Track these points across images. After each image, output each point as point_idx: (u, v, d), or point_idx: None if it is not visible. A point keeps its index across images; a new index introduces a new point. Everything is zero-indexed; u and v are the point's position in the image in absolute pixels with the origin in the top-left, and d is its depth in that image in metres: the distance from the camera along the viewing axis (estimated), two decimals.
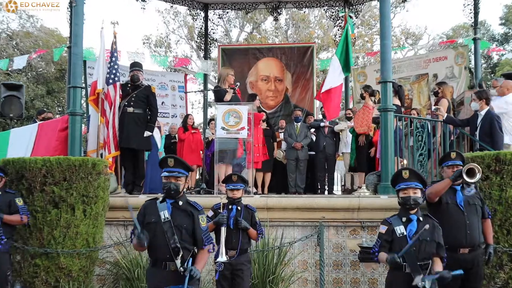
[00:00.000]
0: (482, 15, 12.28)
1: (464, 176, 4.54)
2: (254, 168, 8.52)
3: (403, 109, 8.35)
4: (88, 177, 5.96)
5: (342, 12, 11.59)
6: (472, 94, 7.30)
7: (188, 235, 3.82)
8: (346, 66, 8.70)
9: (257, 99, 8.78)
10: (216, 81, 8.14)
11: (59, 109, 25.01)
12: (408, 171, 4.17)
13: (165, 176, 3.86)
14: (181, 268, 3.68)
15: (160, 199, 3.93)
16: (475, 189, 4.88)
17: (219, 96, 7.69)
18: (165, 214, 3.80)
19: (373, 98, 8.70)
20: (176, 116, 12.37)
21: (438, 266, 4.05)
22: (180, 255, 3.71)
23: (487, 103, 6.96)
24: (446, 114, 7.34)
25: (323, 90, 8.57)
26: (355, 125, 8.44)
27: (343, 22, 9.95)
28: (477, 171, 4.52)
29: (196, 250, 3.88)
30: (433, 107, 7.86)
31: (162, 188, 3.89)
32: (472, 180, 4.57)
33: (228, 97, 7.69)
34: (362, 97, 8.69)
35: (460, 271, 3.90)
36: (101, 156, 7.37)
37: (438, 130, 7.57)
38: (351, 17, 11.09)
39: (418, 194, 4.13)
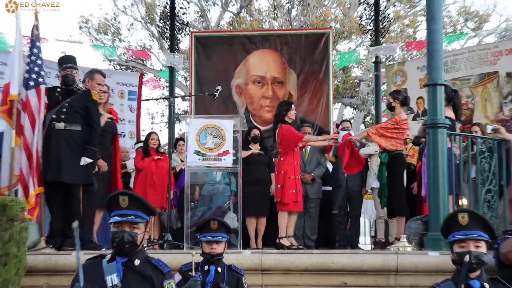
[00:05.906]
0: None
1: None
2: (288, 210, 8.30)
3: (459, 125, 8.40)
4: None
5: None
6: None
7: None
8: None
9: (292, 109, 8.61)
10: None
11: None
12: (467, 214, 4.20)
13: (115, 223, 3.86)
14: None
15: (108, 257, 3.92)
16: None
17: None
18: (113, 280, 3.80)
19: (405, 108, 8.70)
20: (124, 135, 12.29)
21: None
22: None
23: None
24: None
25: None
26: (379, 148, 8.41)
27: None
28: None
29: None
30: (491, 127, 7.88)
31: (110, 240, 3.90)
32: None
33: (102, 121, 7.81)
34: (390, 108, 8.65)
35: None
36: (16, 195, 7.33)
37: None
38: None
39: (483, 248, 4.14)
